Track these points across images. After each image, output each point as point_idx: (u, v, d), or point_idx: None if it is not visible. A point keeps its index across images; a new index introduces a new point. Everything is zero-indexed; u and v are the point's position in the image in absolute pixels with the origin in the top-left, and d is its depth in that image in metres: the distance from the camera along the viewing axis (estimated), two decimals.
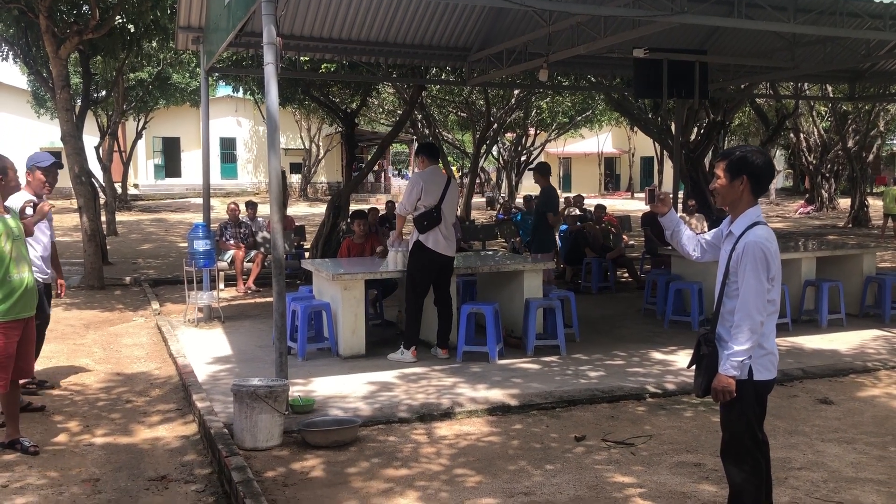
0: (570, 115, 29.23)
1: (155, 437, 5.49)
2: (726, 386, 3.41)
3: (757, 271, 3.36)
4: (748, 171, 3.49)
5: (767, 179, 3.54)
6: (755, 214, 3.50)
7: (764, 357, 3.46)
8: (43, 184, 6.15)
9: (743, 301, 3.38)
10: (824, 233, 22.28)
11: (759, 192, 3.52)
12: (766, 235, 3.42)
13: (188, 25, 9.78)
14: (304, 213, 29.13)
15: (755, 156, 3.51)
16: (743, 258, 3.40)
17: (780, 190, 43.24)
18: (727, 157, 3.56)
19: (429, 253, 7.29)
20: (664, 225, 3.83)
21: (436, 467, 4.78)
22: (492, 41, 11.14)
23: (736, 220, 3.54)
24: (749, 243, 3.39)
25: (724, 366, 3.41)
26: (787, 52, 11.65)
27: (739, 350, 3.37)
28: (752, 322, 3.35)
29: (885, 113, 26.72)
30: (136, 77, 23.64)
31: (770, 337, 3.49)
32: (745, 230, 3.45)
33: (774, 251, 3.41)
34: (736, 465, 3.55)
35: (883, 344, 8.07)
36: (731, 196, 3.54)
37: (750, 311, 3.36)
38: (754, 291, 3.36)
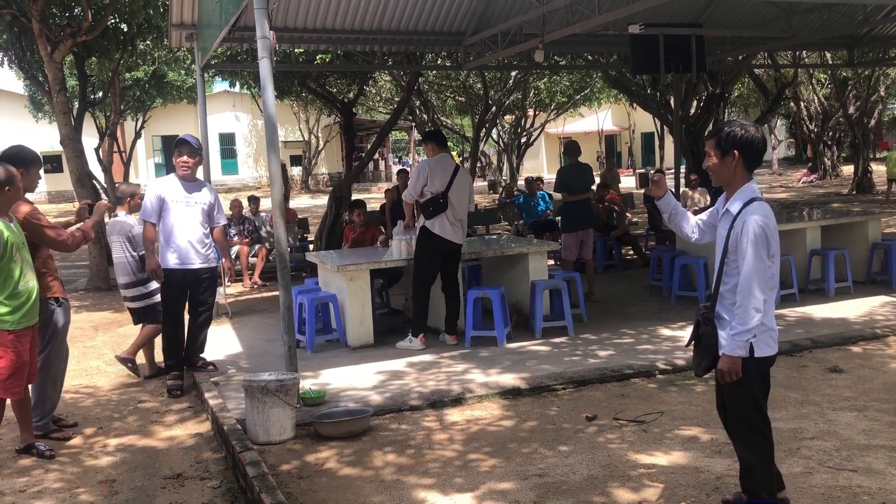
0: (569, 94, 29.13)
1: (170, 436, 5.52)
2: (732, 366, 3.39)
3: (758, 249, 3.32)
4: (739, 145, 3.44)
5: (760, 152, 3.49)
6: (751, 190, 3.47)
7: (765, 333, 3.43)
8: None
9: (745, 280, 3.34)
10: (828, 201, 22.21)
11: (752, 166, 3.49)
12: (765, 212, 3.38)
13: (181, 23, 9.74)
14: (307, 206, 29.14)
15: (744, 129, 3.47)
16: (742, 237, 3.36)
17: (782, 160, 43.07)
18: (716, 134, 3.52)
19: (435, 239, 7.28)
20: (661, 208, 3.80)
21: (449, 453, 4.80)
22: (486, 24, 11.08)
23: (732, 197, 3.50)
24: (748, 221, 3.35)
25: (730, 346, 3.39)
26: (784, 21, 11.57)
27: (745, 330, 3.34)
28: (756, 301, 3.32)
29: (885, 77, 26.54)
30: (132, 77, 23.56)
31: (770, 313, 3.45)
32: (743, 208, 3.41)
33: (773, 227, 3.38)
34: (746, 442, 3.55)
35: (891, 310, 8.05)
36: (724, 173, 3.51)
37: (753, 290, 3.32)
38: (756, 270, 3.32)
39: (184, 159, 6.43)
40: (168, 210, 6.38)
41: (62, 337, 5.43)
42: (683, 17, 11.73)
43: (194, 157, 6.46)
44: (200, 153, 6.54)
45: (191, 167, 6.46)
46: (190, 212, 6.43)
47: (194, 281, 6.50)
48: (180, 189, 6.45)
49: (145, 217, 6.45)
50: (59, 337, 5.38)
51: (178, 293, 6.51)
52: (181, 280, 6.44)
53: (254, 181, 41.08)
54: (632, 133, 47.06)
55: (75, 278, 12.82)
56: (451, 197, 7.27)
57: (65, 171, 13.71)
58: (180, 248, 6.39)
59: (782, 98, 22.88)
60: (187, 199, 6.44)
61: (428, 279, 7.43)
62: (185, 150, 6.43)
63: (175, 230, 6.38)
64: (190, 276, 6.46)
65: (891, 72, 26.37)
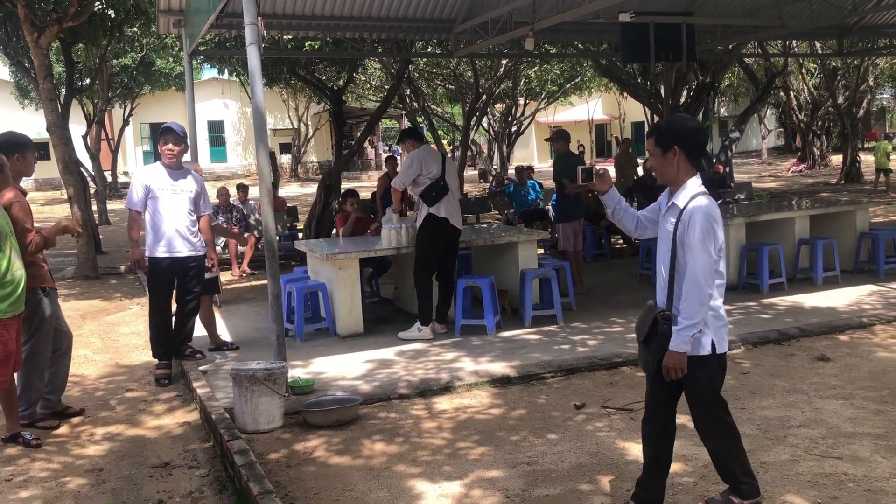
0: (559, 82, 29.07)
1: (157, 425, 5.50)
2: (678, 362, 3.33)
3: (705, 242, 3.28)
4: (678, 140, 3.40)
5: (700, 146, 3.45)
6: (696, 185, 3.41)
7: (723, 328, 3.41)
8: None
9: (692, 273, 3.29)
10: (817, 190, 22.30)
11: (695, 160, 3.43)
12: (711, 205, 3.34)
13: (168, 9, 9.66)
14: (296, 194, 29.05)
15: (683, 123, 3.44)
16: (689, 229, 3.30)
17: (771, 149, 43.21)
18: (654, 130, 3.47)
19: (442, 223, 7.23)
20: (605, 203, 3.69)
21: (438, 441, 4.80)
22: (476, 11, 11.03)
23: (677, 192, 3.43)
24: (695, 214, 3.30)
25: (675, 341, 3.31)
26: (774, 11, 11.57)
27: (689, 324, 3.29)
28: (702, 294, 3.28)
29: (874, 67, 26.64)
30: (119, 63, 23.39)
31: (723, 307, 3.43)
32: (689, 202, 3.35)
33: (719, 221, 3.35)
34: (715, 435, 3.53)
35: (878, 299, 8.10)
36: (667, 170, 3.45)
37: (699, 282, 3.28)
38: (702, 263, 3.28)
39: (169, 147, 6.38)
40: (154, 198, 6.34)
41: (49, 326, 5.39)
42: (674, 6, 11.71)
43: (179, 145, 6.42)
44: (186, 141, 6.51)
45: (176, 155, 6.41)
46: (176, 200, 6.39)
47: (181, 269, 6.46)
48: (166, 177, 6.41)
49: (131, 206, 6.41)
50: (45, 326, 5.34)
51: (165, 282, 6.47)
52: (168, 269, 6.40)
53: (243, 169, 40.89)
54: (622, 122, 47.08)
55: (63, 266, 12.74)
56: (448, 181, 7.27)
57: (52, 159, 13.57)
58: (167, 236, 6.35)
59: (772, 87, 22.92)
60: (173, 187, 6.40)
61: (432, 267, 7.37)
62: (170, 137, 6.38)
63: (162, 218, 6.34)
64: (177, 265, 6.42)
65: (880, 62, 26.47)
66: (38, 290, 5.23)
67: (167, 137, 6.39)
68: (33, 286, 5.18)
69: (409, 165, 7.29)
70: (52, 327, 5.41)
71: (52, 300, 5.39)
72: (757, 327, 7.15)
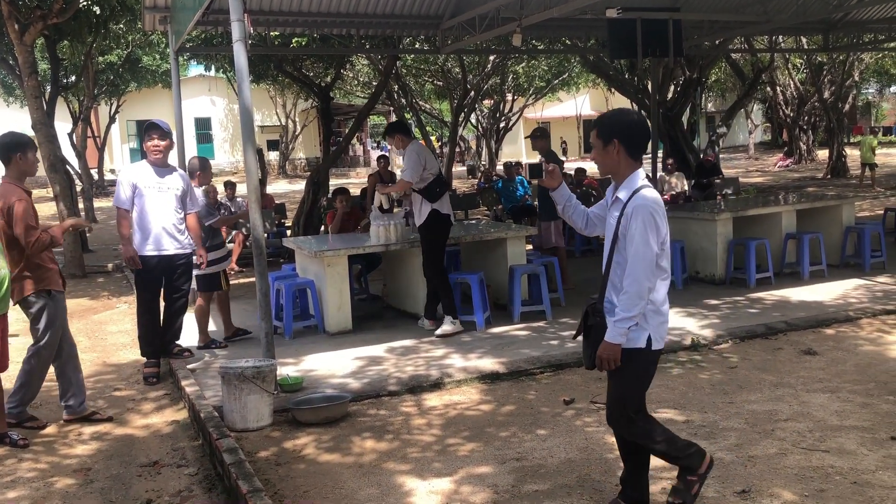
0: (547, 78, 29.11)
1: (146, 424, 5.48)
2: (612, 354, 3.29)
3: (646, 236, 3.24)
4: (618, 133, 3.35)
5: (641, 139, 3.39)
6: (640, 178, 3.37)
7: (662, 325, 3.37)
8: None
9: (632, 266, 3.25)
10: (803, 185, 22.43)
11: (636, 153, 3.38)
12: (654, 199, 3.29)
13: (154, 5, 9.59)
14: (284, 191, 28.98)
15: (624, 116, 3.40)
16: (631, 222, 3.27)
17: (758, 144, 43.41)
18: (597, 123, 3.43)
19: (445, 219, 7.27)
20: (555, 200, 3.64)
21: (428, 438, 4.81)
22: (463, 7, 11.01)
23: (620, 185, 3.40)
24: (638, 207, 3.26)
25: (612, 332, 3.28)
26: (760, 6, 11.61)
27: (626, 317, 3.24)
28: (640, 288, 3.23)
29: (860, 62, 26.80)
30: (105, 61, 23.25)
31: (665, 303, 3.38)
32: (632, 195, 3.32)
33: (662, 215, 3.30)
34: (633, 433, 3.48)
35: (864, 293, 8.16)
36: (608, 162, 3.40)
37: (638, 276, 3.24)
38: (643, 256, 3.24)
39: (154, 143, 6.34)
40: (141, 196, 6.31)
41: (56, 329, 5.27)
42: (661, 2, 11.73)
43: (165, 141, 6.38)
44: (171, 137, 6.48)
45: (162, 151, 6.38)
46: (163, 197, 6.37)
47: (169, 267, 6.43)
48: (152, 174, 6.38)
49: (118, 204, 6.37)
50: (52, 329, 5.24)
51: (153, 280, 6.44)
52: (155, 267, 6.37)
53: (230, 166, 40.70)
54: None
55: None
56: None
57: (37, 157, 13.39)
58: (154, 234, 6.32)
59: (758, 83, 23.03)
60: (159, 185, 6.37)
61: (441, 261, 7.38)
62: (155, 133, 6.35)
63: (148, 216, 6.31)
64: (164, 263, 6.39)
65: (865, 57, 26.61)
66: (42, 293, 5.17)
67: (152, 133, 6.35)
68: (39, 289, 5.14)
69: (416, 160, 7.18)
70: (59, 330, 5.31)
71: (58, 303, 5.29)
72: (744, 321, 7.19)
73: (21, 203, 5.05)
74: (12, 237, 5.06)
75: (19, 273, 5.12)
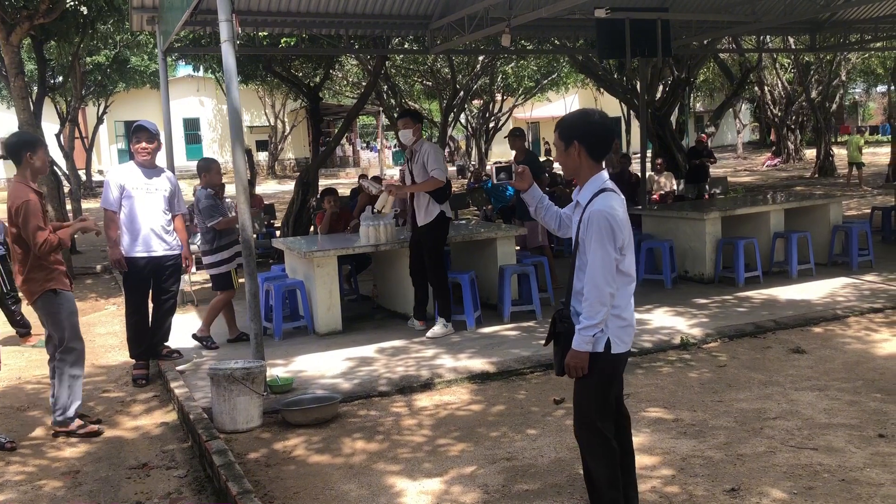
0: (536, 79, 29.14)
1: (135, 426, 5.46)
2: (578, 362, 3.23)
3: (602, 241, 3.16)
4: (577, 135, 3.27)
5: (602, 140, 3.30)
6: (601, 181, 3.28)
7: (623, 329, 3.29)
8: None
9: (591, 273, 3.18)
10: (792, 184, 22.55)
11: (597, 155, 3.29)
12: (612, 203, 3.21)
13: (141, 6, 9.54)
14: (274, 191, 28.90)
15: (585, 118, 3.31)
16: (588, 228, 3.19)
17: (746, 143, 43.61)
18: (558, 125, 3.35)
19: (448, 221, 7.26)
20: (527, 201, 3.55)
21: (418, 438, 4.80)
22: (452, 8, 11.01)
23: (582, 188, 3.32)
24: (594, 212, 3.18)
25: (577, 340, 3.22)
26: (748, 6, 11.65)
27: (590, 324, 3.17)
28: (601, 294, 3.16)
29: (847, 62, 26.96)
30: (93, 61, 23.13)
31: (629, 308, 3.30)
32: (591, 199, 3.24)
33: (622, 219, 3.21)
34: (589, 448, 3.39)
35: (852, 291, 8.21)
36: (570, 165, 3.33)
37: (598, 282, 3.16)
38: (601, 262, 3.16)
39: (143, 145, 6.31)
40: (129, 197, 6.28)
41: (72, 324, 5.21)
42: (649, 2, 11.77)
43: (153, 143, 6.36)
44: (158, 138, 6.45)
45: (151, 153, 6.36)
46: (151, 199, 6.34)
47: (157, 269, 6.41)
48: (140, 176, 6.35)
49: (106, 206, 6.34)
50: (72, 319, 5.20)
51: (141, 281, 6.41)
52: (144, 268, 6.35)
53: None
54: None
55: None
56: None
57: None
58: (142, 235, 6.29)
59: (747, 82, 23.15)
60: (147, 186, 6.34)
61: (443, 263, 7.35)
62: (143, 136, 6.32)
63: (137, 218, 6.28)
64: (153, 264, 6.37)
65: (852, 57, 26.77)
66: (50, 292, 5.12)
67: (140, 136, 6.32)
68: (47, 289, 5.10)
69: (441, 157, 7.15)
70: (75, 325, 5.25)
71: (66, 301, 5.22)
72: (733, 320, 7.22)
73: (32, 203, 5.02)
74: (19, 236, 5.03)
75: (28, 273, 5.09)
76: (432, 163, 7.08)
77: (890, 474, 3.95)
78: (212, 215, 7.08)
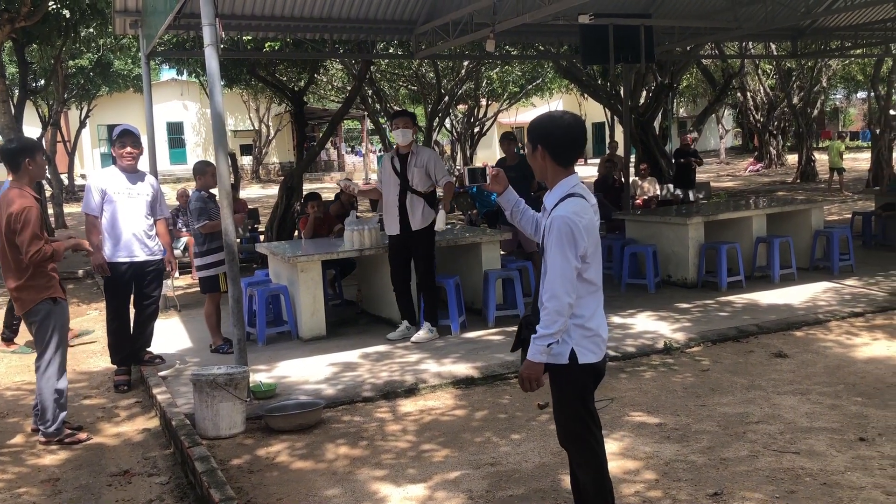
0: (521, 84, 29.23)
1: (116, 432, 5.41)
2: (532, 373, 3.09)
3: (563, 248, 3.02)
4: (541, 139, 3.17)
5: (566, 146, 3.16)
6: (569, 185, 3.16)
7: (588, 339, 3.15)
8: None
9: (549, 282, 3.04)
10: (774, 189, 22.72)
11: (563, 160, 3.17)
12: (575, 209, 3.07)
13: (125, 9, 9.49)
14: (258, 195, 28.79)
15: (551, 121, 3.19)
16: (548, 235, 3.08)
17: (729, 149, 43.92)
18: (528, 127, 3.27)
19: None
20: (501, 205, 3.45)
21: (402, 444, 4.79)
22: (437, 13, 11.03)
23: (550, 192, 3.21)
24: (555, 218, 3.06)
25: (531, 350, 3.08)
26: (731, 13, 11.75)
27: (545, 334, 3.03)
28: (559, 304, 3.01)
29: (827, 69, 27.23)
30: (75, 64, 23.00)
31: (595, 318, 3.18)
32: (556, 204, 3.13)
33: (585, 225, 3.06)
34: (575, 456, 3.31)
35: (833, 295, 8.28)
36: (537, 168, 3.24)
37: (556, 291, 3.02)
38: (560, 271, 3.02)
39: (128, 150, 6.27)
40: (111, 202, 6.23)
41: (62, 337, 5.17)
42: (632, 8, 11.84)
43: (138, 148, 6.33)
44: (141, 144, 6.42)
45: (134, 157, 6.32)
46: (133, 203, 6.30)
47: (139, 274, 6.36)
48: (123, 180, 6.31)
49: (88, 211, 6.29)
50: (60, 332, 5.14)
51: (123, 286, 6.36)
52: (125, 273, 6.30)
53: None
54: None
55: None
56: None
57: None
58: (124, 240, 6.24)
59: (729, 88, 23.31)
60: (129, 191, 6.30)
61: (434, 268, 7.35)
62: (128, 140, 6.28)
63: (119, 222, 6.24)
64: (135, 269, 6.32)
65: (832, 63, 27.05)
66: (48, 300, 5.07)
67: (125, 140, 6.28)
68: (45, 297, 5.05)
69: (441, 161, 7.26)
70: (65, 336, 5.22)
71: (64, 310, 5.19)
72: (716, 325, 7.26)
73: (32, 210, 4.98)
74: (13, 241, 4.97)
75: (28, 280, 5.03)
76: (441, 170, 7.17)
77: (871, 478, 3.98)
78: (199, 218, 7.04)
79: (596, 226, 3.17)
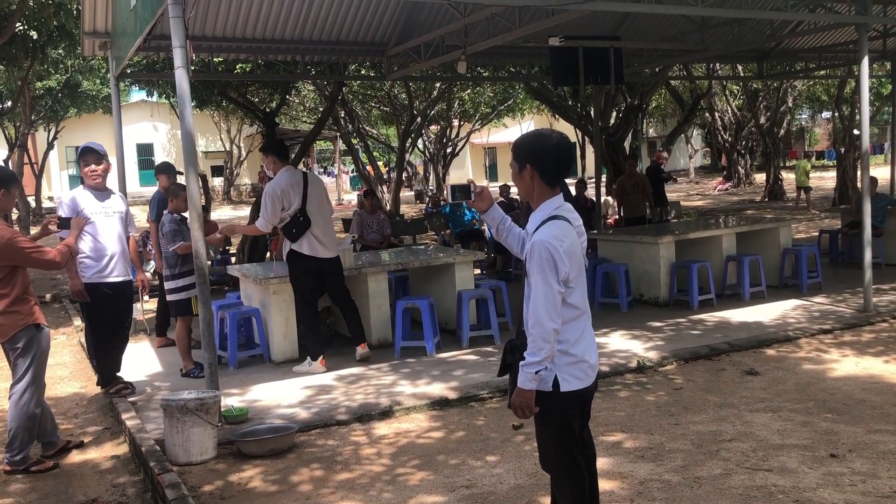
0: (493, 105, 29.42)
1: (84, 459, 5.30)
2: (523, 401, 3.03)
3: (544, 274, 2.96)
4: (530, 158, 3.11)
5: (557, 164, 3.12)
6: (552, 207, 3.10)
7: (572, 365, 3.09)
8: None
9: (533, 308, 2.98)
10: (742, 208, 23.03)
11: (551, 180, 3.12)
12: (557, 233, 3.00)
13: (94, 31, 9.42)
14: (229, 217, 28.56)
15: (538, 140, 3.13)
16: (530, 260, 3.01)
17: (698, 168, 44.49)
18: (513, 146, 3.21)
19: (307, 260, 6.86)
20: (487, 222, 3.40)
21: (377, 468, 4.75)
22: (409, 35, 11.09)
23: (534, 213, 3.14)
24: (535, 243, 3.00)
25: (521, 378, 3.01)
26: (698, 35, 11.96)
27: (532, 361, 2.97)
28: (544, 330, 2.95)
29: (793, 89, 27.73)
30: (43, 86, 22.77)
31: (580, 343, 3.11)
32: (538, 227, 3.06)
33: (566, 249, 2.99)
34: (555, 481, 3.26)
35: (802, 313, 8.38)
36: (523, 188, 3.18)
37: (540, 317, 2.96)
38: (543, 297, 2.96)
39: (91, 168, 6.17)
40: (90, 223, 6.12)
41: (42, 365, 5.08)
42: (602, 30, 11.99)
43: (101, 164, 6.21)
44: (107, 159, 6.31)
45: (100, 175, 6.22)
46: (110, 222, 6.21)
47: (117, 296, 6.26)
48: (94, 200, 6.22)
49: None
50: (38, 360, 5.04)
51: (107, 308, 6.24)
52: (108, 295, 6.19)
53: None
54: None
55: None
56: (309, 211, 6.77)
57: None
58: (104, 260, 6.14)
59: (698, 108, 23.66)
60: (104, 209, 6.21)
61: (310, 300, 7.05)
62: (91, 158, 6.18)
63: (97, 243, 6.13)
64: (114, 290, 6.21)
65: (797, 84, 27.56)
66: (31, 327, 4.99)
67: (88, 158, 6.18)
68: (28, 323, 4.96)
69: (267, 205, 6.68)
70: (44, 364, 5.12)
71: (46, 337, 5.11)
72: (688, 343, 7.31)
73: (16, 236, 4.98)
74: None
75: (10, 307, 4.93)
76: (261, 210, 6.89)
77: (842, 494, 4.01)
78: (174, 239, 6.95)
79: (579, 249, 3.10)
